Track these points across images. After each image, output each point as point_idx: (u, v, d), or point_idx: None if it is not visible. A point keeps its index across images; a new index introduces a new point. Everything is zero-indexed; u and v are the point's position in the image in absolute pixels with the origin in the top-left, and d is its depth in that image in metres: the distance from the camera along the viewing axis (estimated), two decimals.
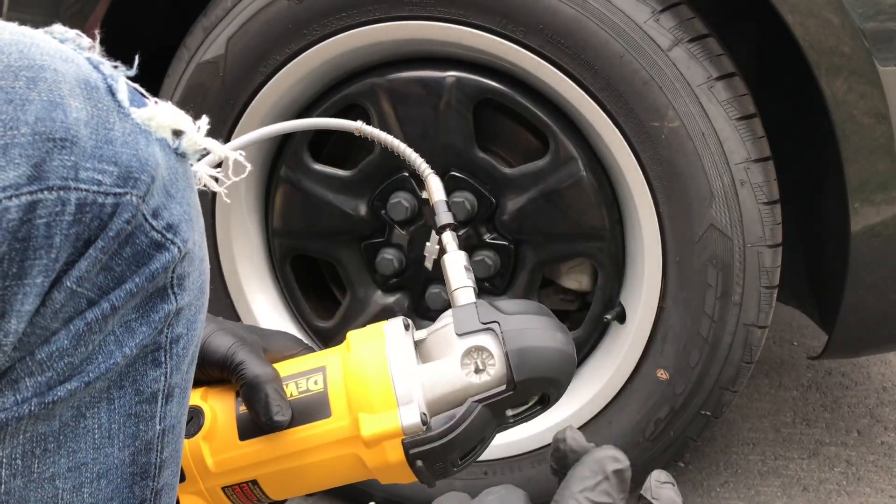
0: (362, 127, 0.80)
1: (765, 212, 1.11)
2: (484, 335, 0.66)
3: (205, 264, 0.56)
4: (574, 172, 1.20)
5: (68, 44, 0.49)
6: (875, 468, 1.51)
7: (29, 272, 0.43)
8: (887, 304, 1.14)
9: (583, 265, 1.32)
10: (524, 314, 0.68)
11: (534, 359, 0.66)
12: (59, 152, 0.43)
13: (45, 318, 0.45)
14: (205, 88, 1.25)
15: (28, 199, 0.42)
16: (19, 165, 0.42)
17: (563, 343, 0.68)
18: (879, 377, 1.83)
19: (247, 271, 1.37)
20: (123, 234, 0.47)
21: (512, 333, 0.66)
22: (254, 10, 1.19)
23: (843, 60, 1.03)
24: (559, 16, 1.09)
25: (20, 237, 0.42)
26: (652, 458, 1.23)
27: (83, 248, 0.46)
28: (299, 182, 1.31)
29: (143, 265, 0.49)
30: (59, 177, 0.43)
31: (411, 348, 0.68)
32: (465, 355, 0.66)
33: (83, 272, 0.46)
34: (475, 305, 0.68)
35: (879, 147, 1.05)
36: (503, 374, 0.66)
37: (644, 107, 1.10)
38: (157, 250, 0.49)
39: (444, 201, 0.77)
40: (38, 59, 0.44)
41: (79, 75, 0.46)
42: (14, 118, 0.42)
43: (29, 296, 0.44)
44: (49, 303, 0.45)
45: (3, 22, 0.46)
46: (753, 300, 1.13)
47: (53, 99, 0.44)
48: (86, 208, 0.45)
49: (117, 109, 0.48)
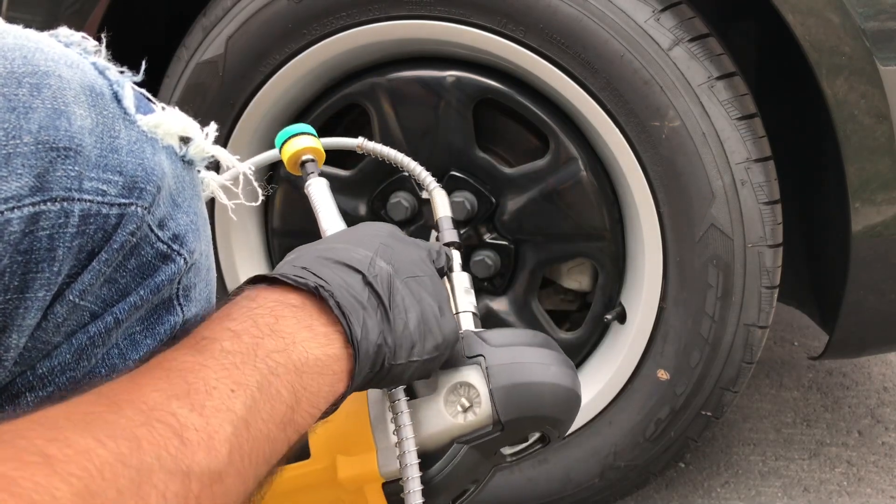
0: (364, 143, 0.79)
1: (765, 212, 1.11)
2: (469, 370, 0.60)
3: (211, 274, 0.55)
4: (574, 172, 1.20)
5: (73, 47, 0.48)
6: (876, 469, 1.51)
7: (31, 285, 0.42)
8: (888, 304, 1.14)
9: (583, 265, 1.32)
10: (513, 346, 0.62)
11: (523, 396, 0.59)
12: (62, 162, 0.42)
13: (47, 332, 0.44)
14: (204, 88, 1.24)
15: (31, 211, 0.41)
16: (22, 176, 0.41)
17: (559, 377, 0.61)
18: (880, 377, 1.83)
19: (246, 271, 1.36)
20: (128, 246, 0.46)
21: (497, 369, 0.60)
22: (253, 9, 1.19)
23: (844, 60, 1.02)
24: (559, 15, 1.09)
25: (22, 250, 0.41)
26: (652, 459, 1.23)
27: (86, 261, 0.45)
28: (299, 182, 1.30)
29: (149, 277, 0.48)
30: (62, 187, 0.42)
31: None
32: (450, 392, 0.60)
33: (86, 285, 0.45)
34: (460, 337, 0.62)
35: (880, 147, 1.05)
36: (489, 413, 0.60)
37: (644, 106, 1.10)
38: (163, 262, 0.48)
39: (449, 217, 0.75)
40: (42, 65, 0.43)
41: (84, 81, 0.45)
42: (17, 127, 0.41)
43: (30, 310, 0.42)
44: (51, 316, 0.44)
45: (7, 25, 0.45)
46: (754, 300, 1.13)
47: (57, 106, 0.43)
48: (90, 219, 0.44)
49: (123, 116, 0.47)
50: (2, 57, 0.42)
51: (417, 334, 0.53)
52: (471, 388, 0.60)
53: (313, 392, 0.46)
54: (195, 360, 0.42)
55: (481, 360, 0.60)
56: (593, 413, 1.25)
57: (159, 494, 0.35)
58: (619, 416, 1.24)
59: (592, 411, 1.25)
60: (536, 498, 1.29)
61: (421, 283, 0.56)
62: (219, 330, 0.45)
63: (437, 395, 0.61)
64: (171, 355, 0.42)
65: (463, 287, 0.69)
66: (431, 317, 0.55)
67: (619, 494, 1.27)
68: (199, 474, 0.37)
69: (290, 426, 0.44)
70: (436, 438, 0.61)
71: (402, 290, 0.54)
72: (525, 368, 0.60)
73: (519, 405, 0.59)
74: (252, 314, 0.47)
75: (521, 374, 0.60)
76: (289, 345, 0.46)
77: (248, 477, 0.41)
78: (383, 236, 0.59)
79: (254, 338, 0.45)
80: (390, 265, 0.55)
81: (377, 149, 0.78)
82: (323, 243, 0.57)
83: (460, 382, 0.60)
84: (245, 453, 0.40)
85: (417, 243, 0.62)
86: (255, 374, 0.43)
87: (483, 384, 0.60)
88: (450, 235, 0.73)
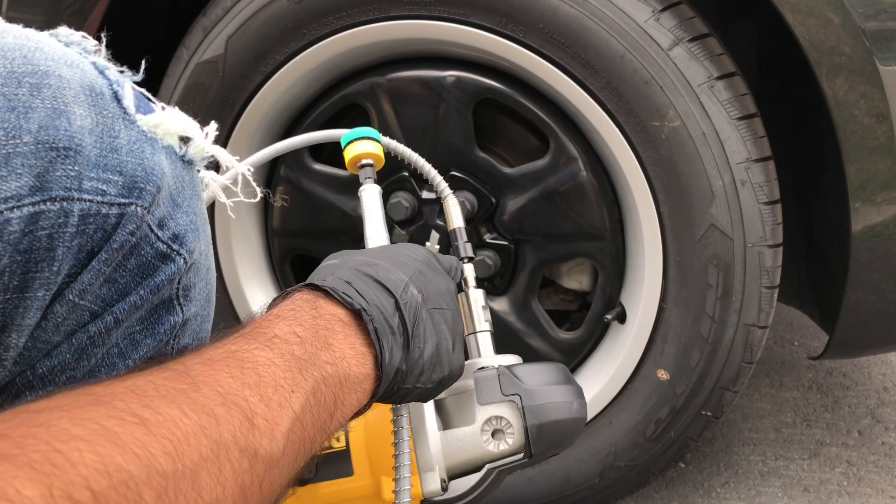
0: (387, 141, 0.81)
1: (765, 211, 1.10)
2: (505, 406, 0.71)
3: (211, 273, 0.56)
4: (574, 172, 1.20)
5: (73, 47, 0.48)
6: (876, 468, 1.51)
7: (30, 285, 0.42)
8: (888, 304, 1.14)
9: (583, 265, 1.32)
10: (545, 386, 0.72)
11: (552, 432, 0.70)
12: (62, 162, 0.42)
13: (47, 332, 0.44)
14: (204, 88, 1.24)
15: (30, 211, 0.41)
16: (21, 176, 0.41)
17: (579, 411, 0.72)
18: (880, 377, 1.83)
19: (246, 271, 1.36)
20: (128, 246, 0.46)
21: (533, 408, 0.70)
22: (253, 9, 1.19)
23: (844, 60, 1.02)
24: (559, 15, 1.09)
25: (21, 249, 0.41)
26: (652, 459, 1.22)
27: (86, 260, 0.45)
28: (299, 182, 1.31)
29: (148, 277, 0.48)
30: (62, 187, 0.42)
31: (432, 413, 0.72)
32: (486, 423, 0.70)
33: (86, 284, 0.45)
34: (497, 376, 0.72)
35: (880, 147, 1.05)
36: (521, 443, 0.70)
37: (644, 106, 1.10)
38: (163, 261, 0.48)
39: (463, 229, 0.79)
40: (42, 65, 0.43)
41: (84, 81, 0.45)
42: (17, 126, 0.41)
43: (30, 309, 0.43)
44: (50, 316, 0.44)
45: (8, 25, 0.44)
46: (754, 300, 1.13)
47: (57, 106, 0.43)
48: (89, 219, 0.44)
49: (123, 116, 0.47)
50: (2, 56, 0.42)
51: (428, 364, 0.58)
52: (503, 420, 0.71)
53: (346, 405, 0.51)
54: (266, 356, 0.46)
55: (517, 399, 0.70)
56: (593, 413, 1.25)
57: (232, 468, 0.38)
58: (619, 416, 1.24)
59: (593, 411, 1.25)
60: (536, 498, 1.29)
61: (443, 316, 0.61)
62: (289, 333, 0.49)
63: (475, 425, 0.70)
64: (245, 347, 0.46)
65: (479, 305, 0.76)
66: (444, 351, 0.60)
67: (619, 494, 1.27)
68: (263, 458, 0.41)
69: (325, 432, 0.49)
70: (472, 463, 0.71)
71: (425, 319, 0.59)
72: (555, 407, 0.71)
73: (548, 439, 0.70)
74: (314, 324, 0.51)
75: (552, 413, 0.71)
76: (338, 360, 0.50)
77: (292, 471, 0.45)
78: (419, 263, 0.63)
79: (315, 347, 0.49)
80: (420, 293, 0.59)
81: (399, 148, 0.82)
82: (365, 255, 0.62)
83: (497, 416, 0.70)
84: (295, 449, 0.44)
85: (446, 274, 0.67)
86: (311, 381, 0.47)
87: (519, 421, 0.70)
88: (464, 249, 0.78)
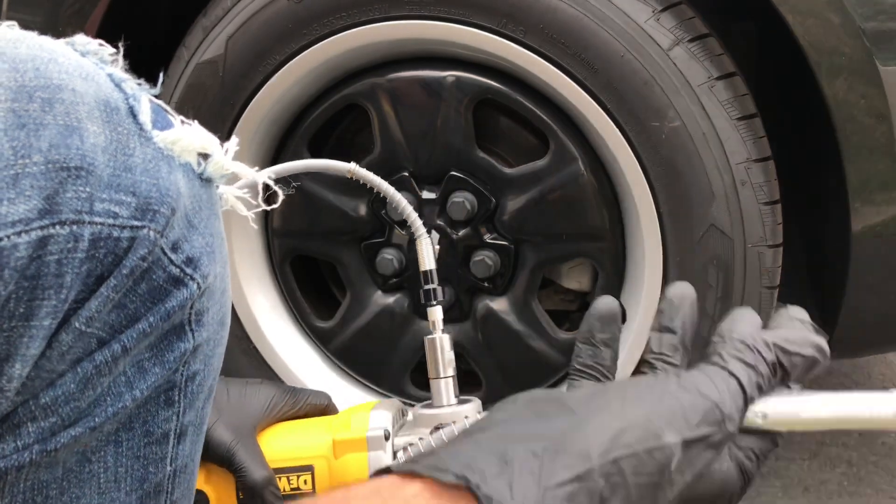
0: (355, 170, 0.79)
1: (765, 212, 1.11)
2: None
3: (226, 296, 0.52)
4: (574, 172, 1.20)
5: (90, 57, 0.45)
6: (876, 469, 1.51)
7: (36, 313, 0.40)
8: (888, 304, 1.14)
9: (583, 265, 1.32)
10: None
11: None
12: (73, 182, 0.40)
13: (51, 361, 0.42)
14: (204, 88, 1.24)
15: (38, 235, 0.39)
16: (31, 198, 0.38)
17: None
18: (880, 377, 1.83)
19: (246, 271, 1.36)
20: (139, 271, 0.43)
21: None
22: (253, 9, 1.19)
23: (844, 60, 1.02)
24: (559, 15, 1.09)
25: (28, 275, 0.39)
26: None
27: (94, 286, 0.42)
28: (300, 181, 1.30)
29: (159, 302, 0.45)
30: (72, 210, 0.40)
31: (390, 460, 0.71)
32: None
33: (93, 311, 0.42)
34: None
35: (880, 147, 1.05)
36: None
37: (644, 106, 1.10)
38: (175, 286, 0.45)
39: (434, 271, 0.75)
40: (55, 78, 0.41)
41: (98, 95, 0.42)
42: (27, 145, 0.38)
43: (35, 339, 0.40)
44: (56, 344, 0.41)
45: (22, 33, 0.42)
46: (754, 300, 1.13)
47: (70, 123, 0.40)
48: (100, 243, 0.41)
49: (139, 133, 0.44)
50: (13, 69, 0.40)
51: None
52: None
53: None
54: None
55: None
56: None
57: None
58: None
59: None
60: None
61: None
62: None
63: None
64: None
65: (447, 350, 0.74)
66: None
67: None
68: None
69: None
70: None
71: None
72: None
73: None
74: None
75: None
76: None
77: None
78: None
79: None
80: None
81: (368, 177, 0.78)
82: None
83: None
84: None
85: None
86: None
87: None
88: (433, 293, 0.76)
